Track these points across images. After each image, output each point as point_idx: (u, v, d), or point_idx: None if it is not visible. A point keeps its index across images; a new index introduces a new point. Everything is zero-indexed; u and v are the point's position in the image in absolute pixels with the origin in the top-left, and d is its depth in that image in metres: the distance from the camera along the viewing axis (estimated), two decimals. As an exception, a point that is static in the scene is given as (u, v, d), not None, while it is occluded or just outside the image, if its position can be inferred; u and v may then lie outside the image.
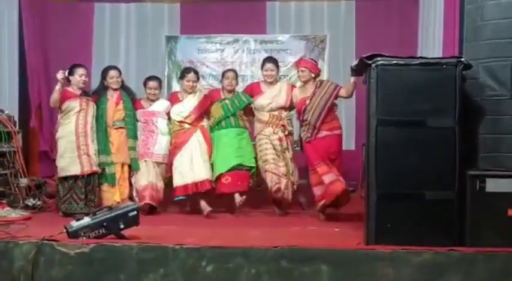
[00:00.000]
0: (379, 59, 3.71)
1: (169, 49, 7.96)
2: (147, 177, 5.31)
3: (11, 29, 6.83)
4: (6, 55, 6.74)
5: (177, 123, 5.49)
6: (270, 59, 5.65)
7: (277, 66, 5.57)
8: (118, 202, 5.15)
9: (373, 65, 3.70)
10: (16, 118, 6.18)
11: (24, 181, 5.50)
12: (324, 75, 7.84)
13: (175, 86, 7.32)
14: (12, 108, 6.38)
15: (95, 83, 5.96)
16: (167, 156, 5.44)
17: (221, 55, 7.97)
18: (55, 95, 5.17)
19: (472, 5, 3.90)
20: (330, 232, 4.36)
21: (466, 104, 3.73)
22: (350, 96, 5.24)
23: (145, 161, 5.38)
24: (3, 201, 5.13)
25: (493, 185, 3.61)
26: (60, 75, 5.13)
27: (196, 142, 5.39)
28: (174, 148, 5.42)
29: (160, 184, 5.39)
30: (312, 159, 5.05)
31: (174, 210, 5.52)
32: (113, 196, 5.28)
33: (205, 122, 5.56)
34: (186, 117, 5.47)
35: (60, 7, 7.82)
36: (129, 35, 8.00)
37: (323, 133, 5.07)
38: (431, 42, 6.80)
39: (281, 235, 4.14)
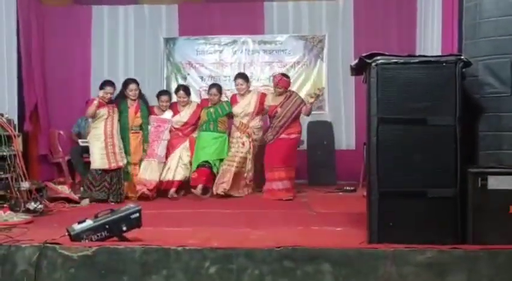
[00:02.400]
0: (378, 58, 3.70)
1: (168, 51, 7.99)
2: (148, 174, 6.39)
3: (9, 33, 6.79)
4: (5, 59, 6.72)
5: (174, 129, 6.69)
6: (240, 75, 6.82)
7: (247, 80, 6.70)
8: (131, 196, 6.29)
9: (373, 64, 3.69)
10: (15, 122, 6.19)
11: (25, 185, 5.49)
12: (323, 75, 7.91)
13: (175, 87, 7.39)
14: (11, 112, 6.38)
15: (94, 87, 6.56)
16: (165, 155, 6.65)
17: (220, 56, 8.01)
18: (93, 109, 6.09)
19: (471, 3, 3.90)
20: (332, 232, 4.36)
21: (466, 101, 3.73)
22: (308, 115, 6.48)
23: (148, 160, 6.45)
24: (5, 205, 5.15)
25: (494, 182, 3.61)
26: (101, 93, 6.13)
27: (182, 149, 6.63)
28: (169, 148, 6.63)
29: (156, 179, 6.42)
30: (269, 162, 6.30)
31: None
32: (127, 189, 6.36)
33: (195, 134, 6.74)
34: (183, 125, 6.69)
35: (58, 10, 7.83)
36: (127, 37, 7.99)
37: (282, 136, 6.24)
38: (430, 40, 6.81)
39: (284, 234, 4.14)
